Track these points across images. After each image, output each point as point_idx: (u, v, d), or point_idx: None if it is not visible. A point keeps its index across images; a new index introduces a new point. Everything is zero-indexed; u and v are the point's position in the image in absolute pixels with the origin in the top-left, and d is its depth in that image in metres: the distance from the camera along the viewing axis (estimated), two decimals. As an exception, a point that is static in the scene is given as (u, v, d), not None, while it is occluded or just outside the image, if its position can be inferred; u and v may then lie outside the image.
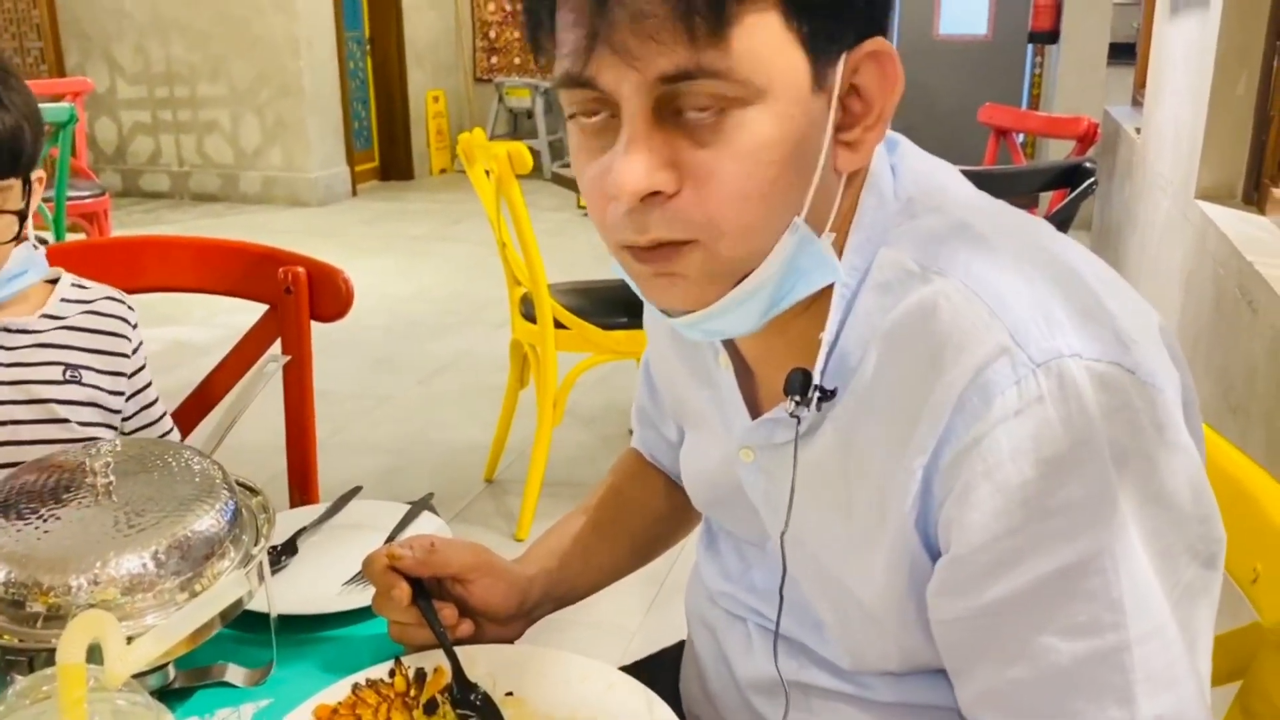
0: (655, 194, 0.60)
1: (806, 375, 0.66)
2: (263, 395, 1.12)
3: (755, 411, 0.75)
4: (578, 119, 0.63)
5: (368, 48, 7.67)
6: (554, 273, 2.61)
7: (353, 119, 7.32)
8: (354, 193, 7.25)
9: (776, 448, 0.72)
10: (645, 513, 0.99)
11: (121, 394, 1.17)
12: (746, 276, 0.64)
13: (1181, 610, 0.59)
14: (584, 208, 5.76)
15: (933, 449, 0.60)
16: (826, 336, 0.66)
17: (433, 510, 1.07)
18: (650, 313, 0.89)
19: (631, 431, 1.03)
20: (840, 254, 0.66)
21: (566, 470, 2.90)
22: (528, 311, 2.60)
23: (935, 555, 0.64)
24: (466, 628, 0.83)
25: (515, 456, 2.94)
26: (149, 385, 1.21)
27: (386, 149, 7.92)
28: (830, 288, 0.66)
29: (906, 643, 0.68)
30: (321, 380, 1.39)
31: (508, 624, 0.87)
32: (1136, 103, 4.20)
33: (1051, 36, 5.96)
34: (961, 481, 0.59)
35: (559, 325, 2.53)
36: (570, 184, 3.08)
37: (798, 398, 0.66)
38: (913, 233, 0.65)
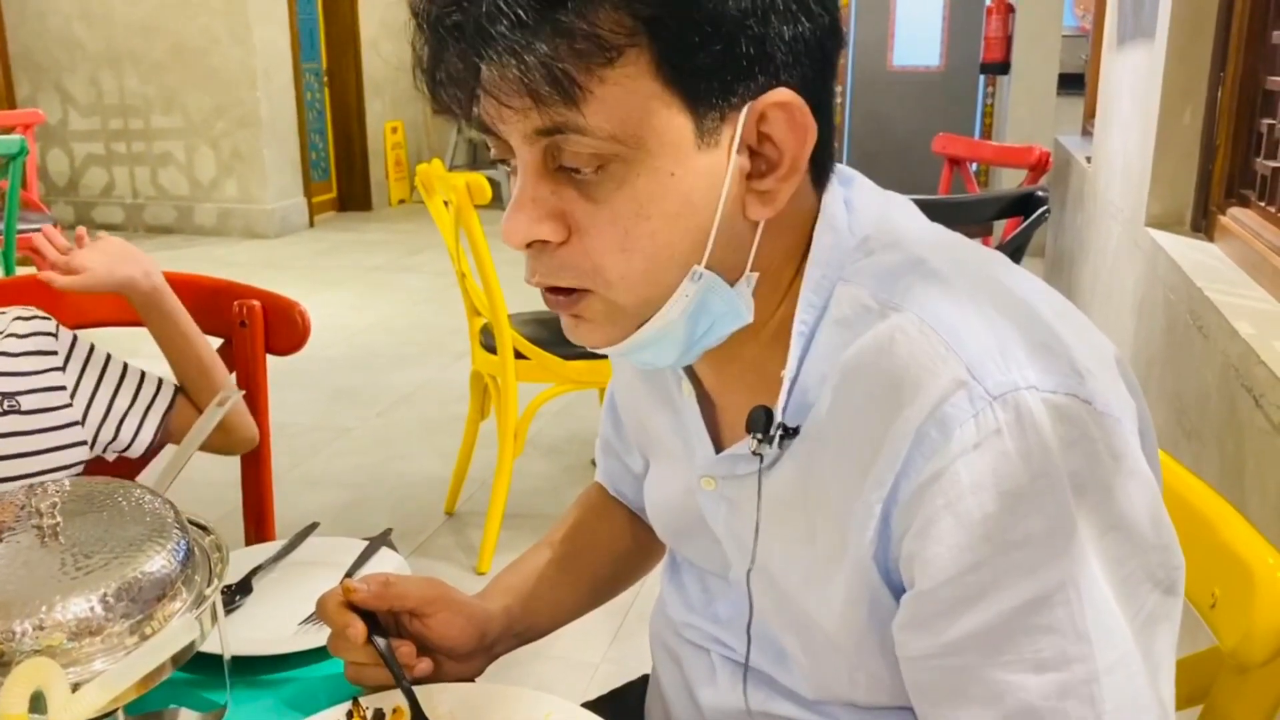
0: (544, 242, 0.62)
1: (768, 413, 0.66)
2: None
3: (717, 438, 0.75)
4: (501, 166, 0.65)
5: (325, 79, 7.65)
6: (515, 303, 2.60)
7: (310, 150, 7.28)
8: (311, 224, 7.20)
9: (739, 478, 0.72)
10: (609, 548, 0.98)
11: (69, 405, 1.14)
12: (646, 322, 0.65)
13: (1144, 638, 0.59)
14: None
15: (891, 483, 0.60)
16: (787, 373, 0.66)
17: (391, 546, 1.05)
18: None
19: (594, 462, 1.03)
20: (798, 290, 0.67)
21: (528, 502, 2.88)
22: (488, 342, 2.58)
23: (895, 589, 0.64)
24: (425, 666, 0.82)
25: (476, 488, 2.91)
26: (105, 367, 1.20)
27: (344, 180, 7.89)
28: (790, 322, 0.67)
29: (870, 672, 0.68)
30: (279, 413, 1.38)
31: (468, 661, 0.86)
32: (1086, 132, 4.29)
33: (1003, 68, 6.07)
34: (922, 516, 0.59)
35: (519, 355, 2.51)
36: (530, 214, 3.05)
37: (760, 435, 0.66)
38: (870, 269, 0.66)
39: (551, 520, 1.00)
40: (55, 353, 1.15)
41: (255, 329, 1.31)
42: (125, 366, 1.23)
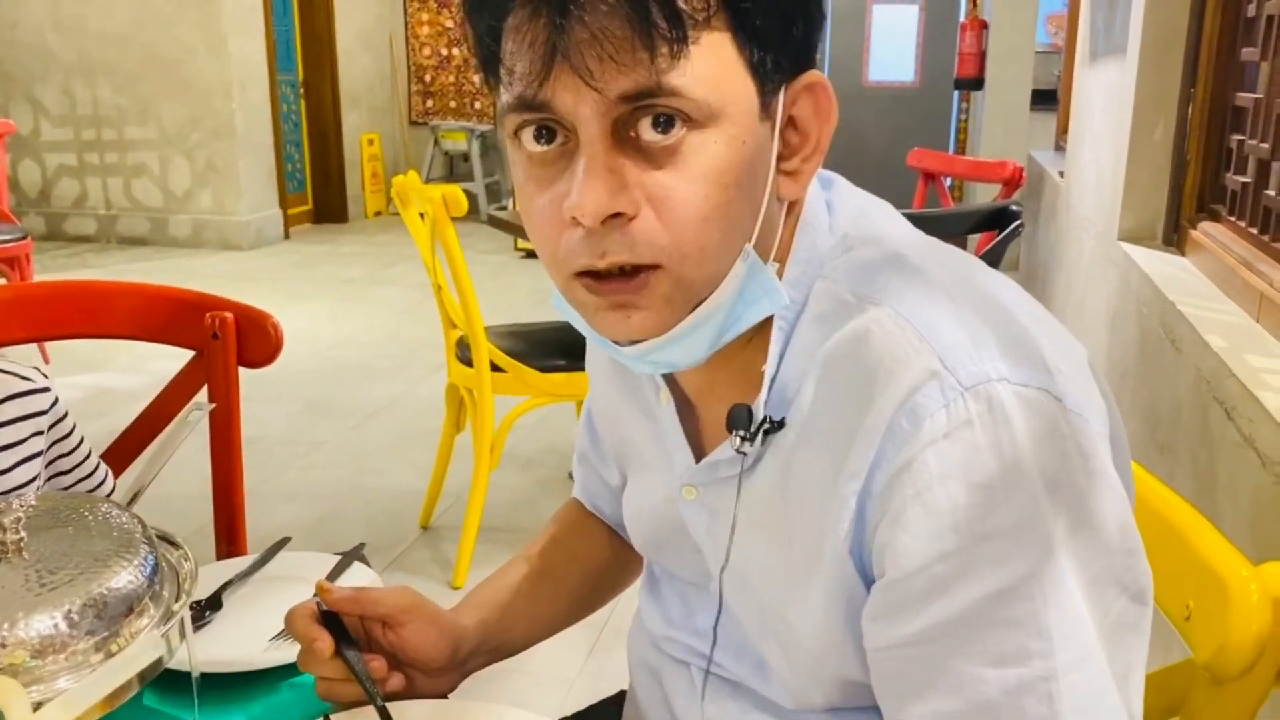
0: (616, 216, 0.60)
1: (748, 410, 0.66)
2: (189, 443, 1.09)
3: (697, 447, 0.75)
4: (525, 148, 0.62)
5: (301, 91, 7.63)
6: (491, 315, 2.59)
7: (286, 162, 7.25)
8: (286, 236, 7.16)
9: (720, 483, 0.72)
10: (586, 563, 0.97)
11: (38, 478, 1.11)
12: (700, 304, 0.64)
13: (1111, 643, 0.59)
14: (522, 250, 5.72)
15: (865, 474, 0.60)
16: (768, 369, 0.66)
17: (364, 561, 1.04)
18: (593, 353, 0.88)
19: (571, 475, 1.02)
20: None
21: (504, 515, 2.86)
22: (464, 355, 2.57)
23: (871, 583, 0.63)
24: (397, 681, 0.81)
25: (452, 502, 2.90)
26: (78, 448, 1.16)
27: (320, 192, 7.85)
28: (770, 321, 0.67)
29: (848, 678, 0.67)
30: (251, 426, 1.36)
31: (441, 675, 0.85)
32: (1059, 147, 4.33)
33: (976, 83, 6.13)
34: (894, 506, 0.59)
35: (496, 368, 2.51)
36: (507, 226, 3.06)
37: (742, 433, 0.66)
38: (848, 264, 0.66)
39: (528, 534, 0.99)
40: (43, 413, 1.12)
41: (227, 341, 1.30)
42: (86, 448, 1.19)
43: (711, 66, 0.59)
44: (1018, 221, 2.70)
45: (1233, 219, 1.97)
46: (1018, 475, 0.56)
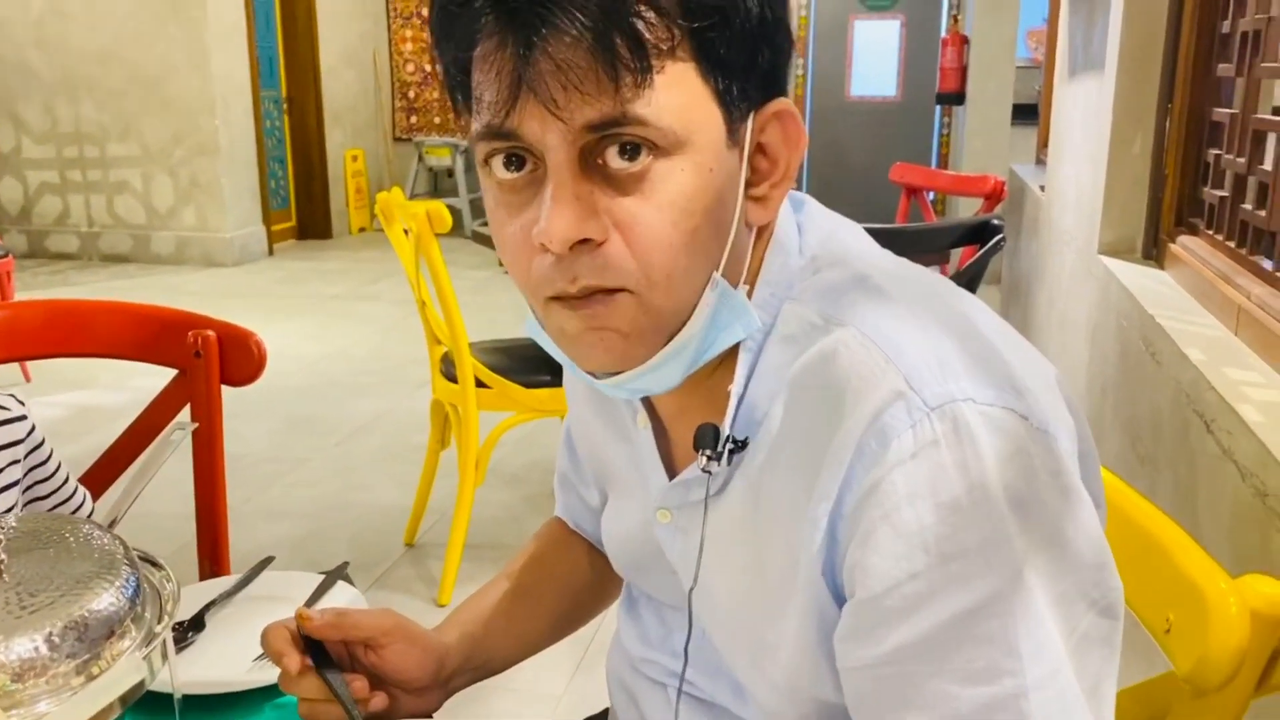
0: (585, 242, 0.60)
1: (715, 430, 0.67)
2: (171, 462, 1.08)
3: (671, 471, 0.75)
4: (495, 175, 0.63)
5: (285, 107, 7.62)
6: (476, 331, 2.59)
7: (269, 178, 7.24)
8: (270, 252, 7.15)
9: (693, 506, 0.72)
10: (569, 581, 0.97)
11: (15, 506, 1.10)
12: (674, 334, 0.64)
13: (1078, 658, 0.59)
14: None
15: (835, 495, 0.61)
16: (735, 389, 0.67)
17: (348, 580, 1.04)
18: (570, 375, 0.88)
19: (556, 492, 1.02)
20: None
21: (490, 532, 2.85)
22: (448, 371, 2.57)
23: (844, 604, 0.64)
24: (380, 701, 0.81)
25: (437, 519, 2.89)
26: (55, 474, 1.15)
27: (304, 208, 7.84)
28: (739, 343, 0.67)
29: (823, 698, 0.68)
30: (235, 444, 1.36)
31: (424, 694, 0.84)
32: (1040, 161, 4.36)
33: (958, 98, 6.18)
34: (863, 527, 0.59)
35: (480, 384, 2.50)
36: (491, 242, 3.06)
37: (709, 452, 0.66)
38: (815, 286, 0.67)
39: (514, 550, 0.99)
40: (18, 460, 1.11)
41: (210, 360, 1.30)
42: (63, 474, 1.18)
43: (676, 95, 0.59)
44: (999, 236, 2.72)
45: (1211, 233, 1.99)
46: (984, 494, 0.57)
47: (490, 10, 0.59)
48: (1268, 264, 1.67)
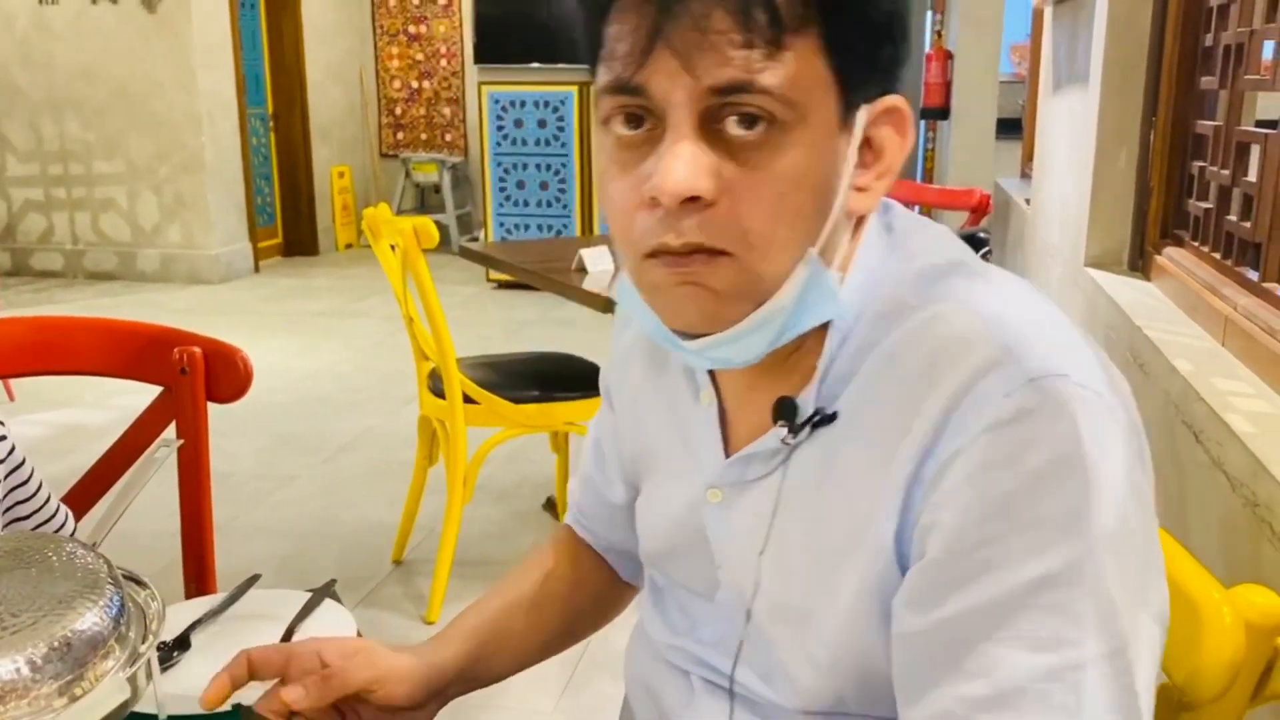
0: (694, 200, 0.62)
1: (794, 402, 0.68)
2: (157, 479, 1.07)
3: (726, 450, 0.76)
4: (614, 132, 0.65)
5: (271, 124, 7.61)
6: (464, 347, 2.58)
7: (255, 195, 7.22)
8: (256, 269, 7.12)
9: (746, 485, 0.73)
10: (575, 592, 0.96)
11: None
12: (762, 303, 0.65)
13: (1137, 649, 0.60)
14: (494, 281, 5.72)
15: (919, 458, 0.62)
16: (822, 363, 0.68)
17: (335, 597, 1.03)
18: (621, 361, 0.89)
19: (545, 507, 1.02)
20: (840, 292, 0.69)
21: (478, 548, 2.84)
22: (436, 387, 2.56)
23: (906, 571, 0.64)
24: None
25: (425, 535, 2.87)
26: (36, 494, 1.13)
27: (290, 225, 7.82)
28: (824, 327, 0.68)
29: (864, 672, 0.68)
30: (222, 462, 1.35)
31: (418, 712, 0.84)
32: (1025, 175, 4.38)
33: (943, 113, 6.21)
34: (944, 488, 0.61)
35: (468, 400, 2.50)
36: (478, 258, 3.07)
37: (787, 424, 0.68)
38: (912, 271, 0.69)
39: (503, 567, 0.99)
40: None
41: (196, 377, 1.29)
42: (45, 492, 1.16)
43: (801, 71, 0.61)
44: (986, 249, 2.74)
45: (1196, 244, 2.00)
46: (1070, 468, 0.58)
47: None
48: (1253, 275, 1.68)
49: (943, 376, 0.61)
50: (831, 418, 0.67)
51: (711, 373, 0.77)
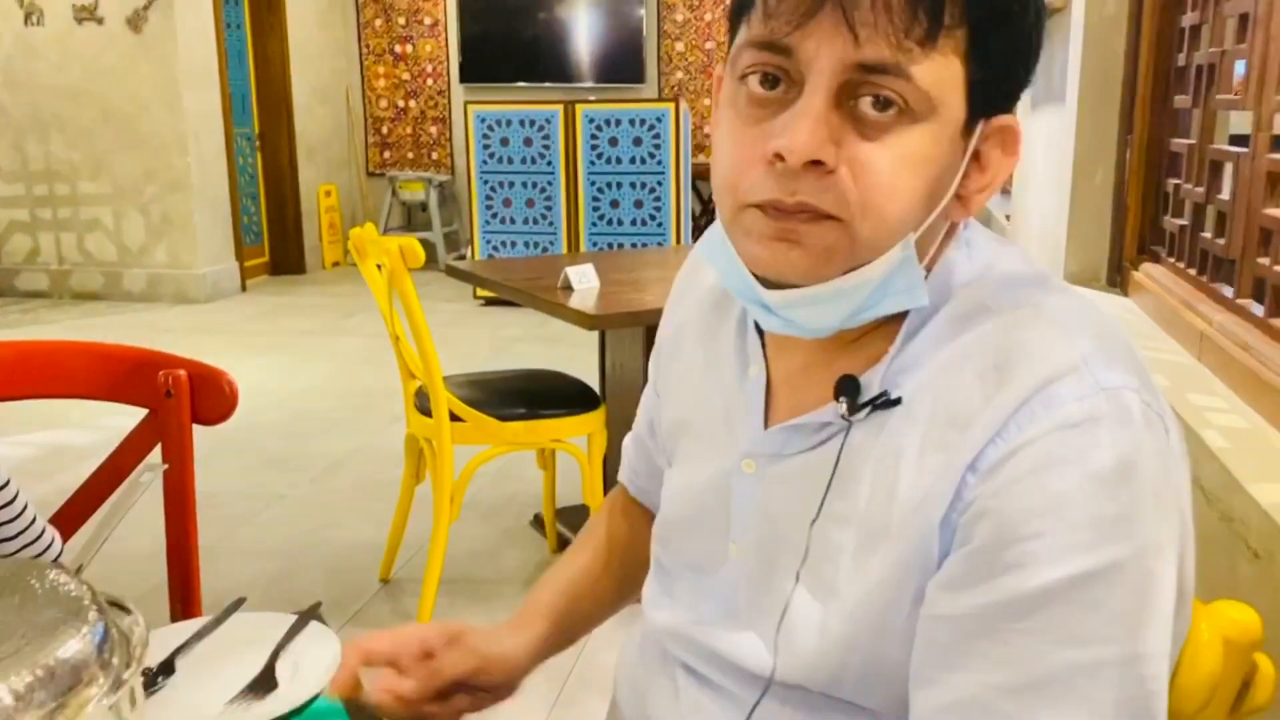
0: (818, 164, 0.64)
1: (855, 381, 0.70)
2: (143, 502, 1.07)
3: (765, 423, 0.78)
4: (748, 89, 0.66)
5: (258, 143, 7.61)
6: (451, 364, 2.59)
7: (242, 214, 7.22)
8: (244, 288, 7.11)
9: (782, 459, 0.74)
10: (631, 551, 0.99)
11: None
12: (855, 270, 0.66)
13: (1159, 661, 0.61)
14: (481, 298, 5.69)
15: (979, 448, 0.63)
16: (894, 347, 0.70)
17: (321, 620, 1.03)
18: (676, 324, 0.91)
19: (534, 521, 1.03)
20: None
21: (466, 566, 2.84)
22: (423, 405, 2.56)
23: (943, 557, 0.65)
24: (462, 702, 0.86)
25: (413, 554, 2.87)
26: (21, 514, 1.14)
27: (277, 243, 7.82)
28: (897, 321, 0.70)
29: (873, 656, 0.68)
30: (209, 482, 1.35)
31: (507, 689, 0.90)
32: (1005, 191, 4.42)
33: (926, 129, 6.24)
34: (1003, 478, 0.62)
35: (455, 418, 2.50)
36: (466, 276, 3.07)
37: (847, 400, 0.69)
38: (994, 278, 0.71)
39: (491, 584, 1.01)
40: None
41: (181, 399, 1.29)
42: (30, 514, 1.16)
43: (943, 69, 0.63)
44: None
45: (1173, 260, 2.03)
46: (1129, 476, 0.60)
47: None
48: (1228, 291, 1.70)
49: (1017, 374, 0.63)
50: (896, 402, 0.69)
51: (764, 347, 0.79)
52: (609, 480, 2.87)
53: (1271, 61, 1.55)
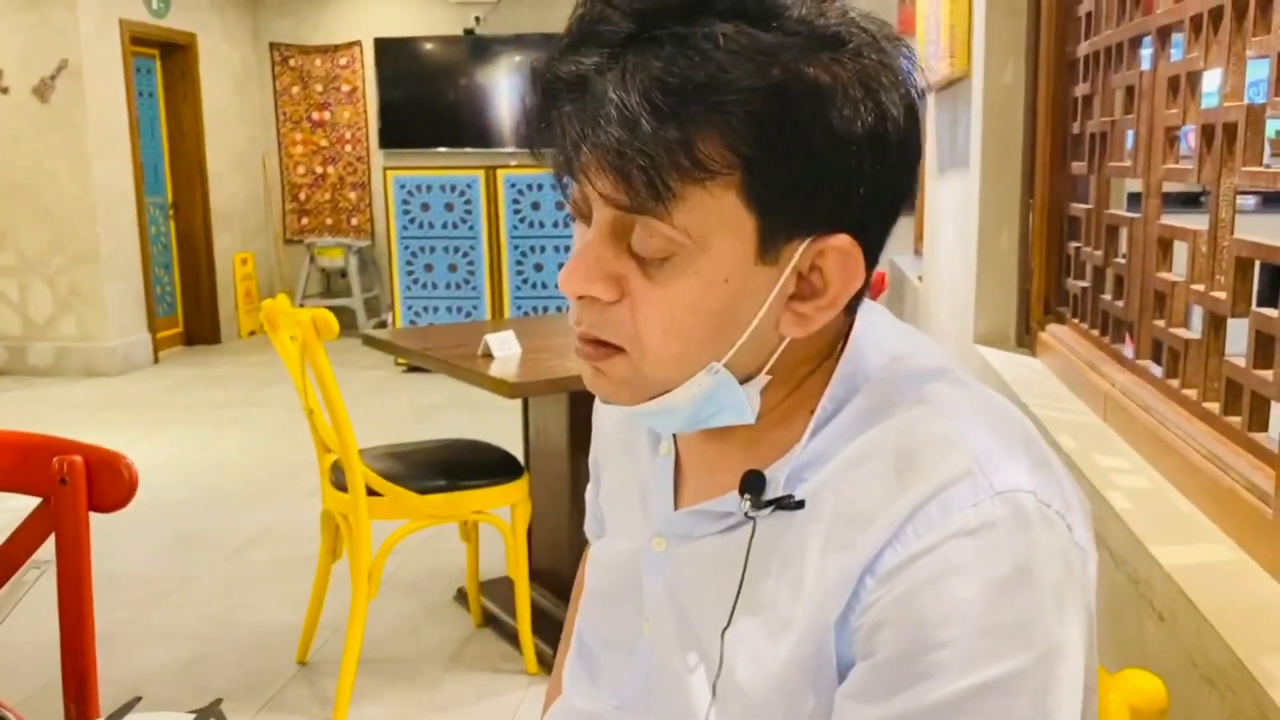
0: (591, 298, 0.67)
1: (761, 477, 0.70)
2: (39, 590, 1.03)
3: (676, 502, 0.78)
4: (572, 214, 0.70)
5: (171, 213, 7.49)
6: (372, 433, 2.54)
7: (155, 285, 7.06)
8: (156, 360, 6.94)
9: (692, 540, 0.75)
10: None
11: None
12: (656, 398, 0.69)
13: None
14: (403, 364, 5.63)
15: (875, 552, 0.63)
16: (798, 447, 0.70)
17: (221, 717, 0.99)
18: (601, 422, 0.93)
19: (457, 595, 1.01)
20: (812, 384, 0.71)
21: (386, 646, 2.76)
22: (339, 479, 2.51)
23: (844, 656, 0.65)
24: None
25: (331, 634, 2.79)
26: None
27: (191, 314, 7.66)
28: (796, 411, 0.71)
29: None
30: (115, 564, 1.31)
31: None
32: (918, 252, 4.53)
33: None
34: (901, 588, 0.62)
35: (372, 492, 2.45)
36: (385, 346, 3.04)
37: (751, 498, 0.69)
38: (900, 373, 0.71)
39: (412, 663, 0.98)
40: None
41: (76, 486, 1.24)
42: None
43: (704, 210, 0.63)
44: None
45: (1076, 321, 2.09)
46: (1029, 580, 0.61)
47: (542, 94, 0.66)
48: (1128, 352, 1.75)
49: (916, 477, 0.64)
50: (800, 505, 0.69)
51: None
52: (534, 551, 2.83)
53: (1157, 132, 1.62)
